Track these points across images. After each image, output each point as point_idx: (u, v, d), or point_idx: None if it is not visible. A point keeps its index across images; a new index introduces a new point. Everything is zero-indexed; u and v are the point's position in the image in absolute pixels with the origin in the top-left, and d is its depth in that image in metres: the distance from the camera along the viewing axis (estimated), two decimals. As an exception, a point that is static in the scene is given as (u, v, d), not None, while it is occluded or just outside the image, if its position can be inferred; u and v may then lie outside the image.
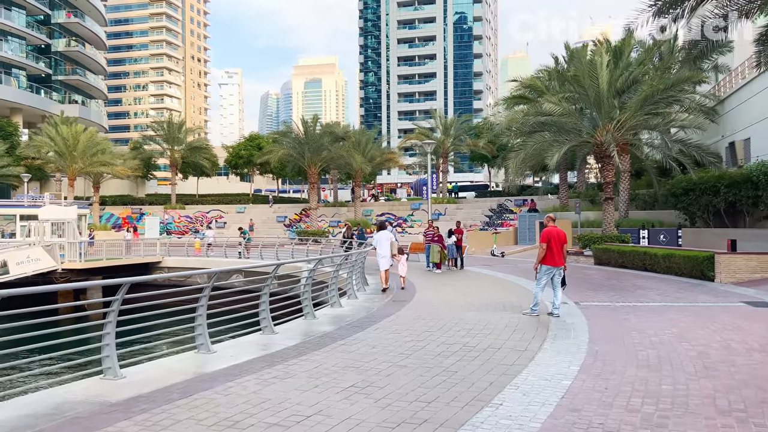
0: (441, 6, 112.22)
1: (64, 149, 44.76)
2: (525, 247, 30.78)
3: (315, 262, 12.50)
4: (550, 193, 42.46)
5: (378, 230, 17.22)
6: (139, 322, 7.74)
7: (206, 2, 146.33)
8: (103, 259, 29.80)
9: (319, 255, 25.92)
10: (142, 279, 7.87)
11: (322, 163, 42.28)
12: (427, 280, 18.31)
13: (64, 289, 25.16)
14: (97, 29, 75.71)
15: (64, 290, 29.61)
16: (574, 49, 38.05)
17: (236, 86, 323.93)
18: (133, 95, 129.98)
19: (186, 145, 54.49)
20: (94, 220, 47.73)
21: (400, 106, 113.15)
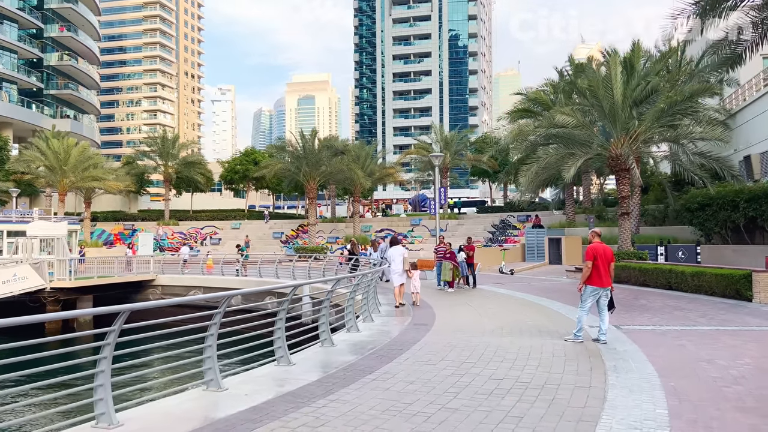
0: (436, 23, 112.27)
1: (55, 163, 43.47)
2: (534, 264, 29.73)
3: (333, 282, 11.32)
4: (555, 209, 41.56)
5: (391, 245, 17.14)
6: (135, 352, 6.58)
7: (200, 18, 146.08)
8: (94, 277, 28.46)
9: (322, 273, 24.78)
10: (142, 306, 6.67)
11: (320, 178, 41.18)
12: (442, 299, 17.17)
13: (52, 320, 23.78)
14: (90, 44, 74.80)
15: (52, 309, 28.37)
16: (578, 63, 37.40)
17: (229, 103, 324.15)
18: (125, 111, 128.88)
19: (180, 160, 53.29)
20: (85, 237, 46.30)
21: (396, 122, 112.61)
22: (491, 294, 18.56)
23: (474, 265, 21.04)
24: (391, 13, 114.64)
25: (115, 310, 5.87)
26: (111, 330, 5.79)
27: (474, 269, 20.82)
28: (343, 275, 12.68)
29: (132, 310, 5.94)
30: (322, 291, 14.63)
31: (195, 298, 9.28)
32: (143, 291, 31.71)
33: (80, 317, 28.51)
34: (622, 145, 22.79)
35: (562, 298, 16.70)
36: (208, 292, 30.76)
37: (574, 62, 37.65)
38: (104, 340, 5.79)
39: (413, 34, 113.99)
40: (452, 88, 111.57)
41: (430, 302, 16.32)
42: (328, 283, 11.79)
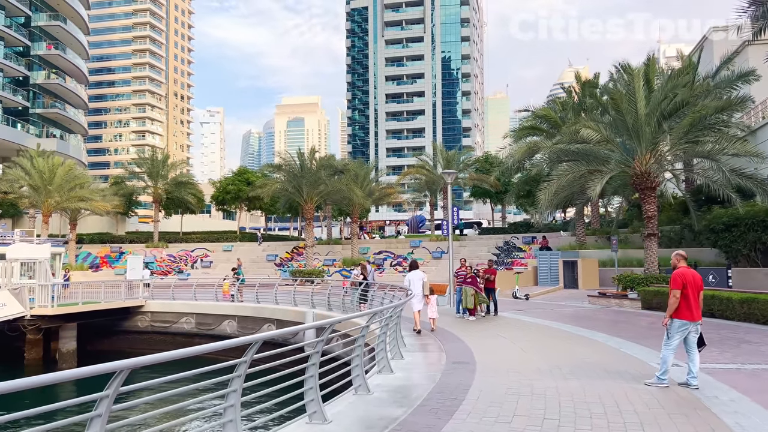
0: (429, 44, 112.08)
1: (40, 183, 41.52)
2: (548, 289, 28.15)
3: (369, 316, 9.64)
4: (562, 230, 40.15)
5: (410, 270, 16.92)
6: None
7: (190, 39, 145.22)
8: (78, 303, 26.45)
9: (327, 299, 22.93)
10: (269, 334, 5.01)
11: (318, 198, 39.57)
12: (467, 329, 15.49)
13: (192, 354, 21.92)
14: (78, 62, 73.19)
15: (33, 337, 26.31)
16: (587, 79, 36.40)
17: (218, 125, 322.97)
18: (113, 131, 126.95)
19: (171, 180, 51.47)
20: (70, 260, 44.20)
21: (389, 143, 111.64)
22: (519, 323, 16.92)
23: (495, 290, 19.42)
24: (383, 35, 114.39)
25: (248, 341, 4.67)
26: (242, 361, 5.53)
27: (494, 295, 19.19)
28: (382, 307, 10.90)
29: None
30: (352, 326, 13.03)
31: (269, 335, 7.31)
32: (131, 318, 29.74)
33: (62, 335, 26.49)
34: (647, 161, 21.46)
35: (603, 328, 15.10)
36: (200, 318, 28.88)
37: (580, 79, 36.67)
38: (234, 372, 5.48)
39: (406, 55, 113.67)
40: (445, 109, 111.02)
41: (456, 332, 14.66)
42: (364, 318, 10.09)
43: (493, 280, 19.23)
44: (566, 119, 33.06)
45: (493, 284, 19.20)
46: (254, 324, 26.69)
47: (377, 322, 10.58)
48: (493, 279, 19.17)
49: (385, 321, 10.32)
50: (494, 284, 19.26)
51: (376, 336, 13.79)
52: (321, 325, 7.55)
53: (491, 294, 19.03)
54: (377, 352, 10.03)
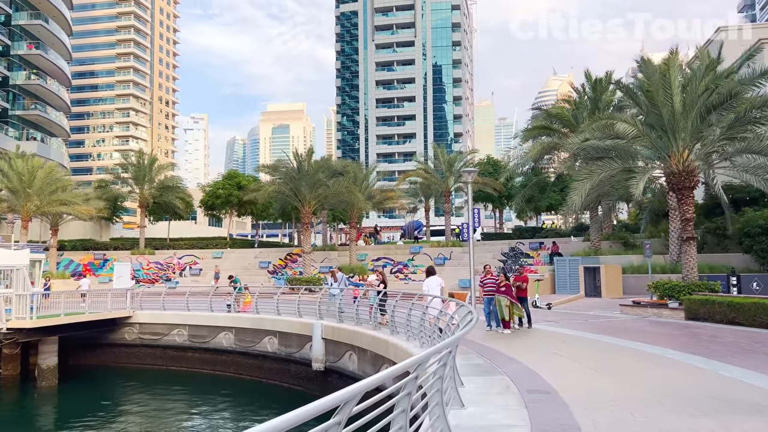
0: (419, 49, 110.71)
1: (19, 186, 39.06)
2: (569, 297, 26.37)
3: (445, 352, 7.59)
4: (572, 236, 38.50)
5: (427, 276, 16.91)
6: None
7: (176, 44, 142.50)
8: (60, 314, 24.13)
9: (337, 312, 20.77)
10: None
11: (316, 202, 37.54)
12: (512, 345, 13.58)
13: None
14: (61, 63, 70.54)
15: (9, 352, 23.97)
16: (597, 78, 34.88)
17: (202, 132, 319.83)
18: (96, 136, 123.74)
19: (158, 184, 49.10)
20: (51, 268, 41.68)
21: (379, 148, 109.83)
22: (562, 337, 15.06)
23: (527, 299, 17.56)
24: (373, 39, 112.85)
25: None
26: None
27: (527, 304, 17.31)
28: (462, 332, 8.71)
29: None
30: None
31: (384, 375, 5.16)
32: (118, 330, 27.47)
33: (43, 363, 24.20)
34: (685, 158, 19.81)
35: (665, 343, 13.31)
36: (193, 330, 26.68)
37: (591, 77, 35.13)
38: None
39: (396, 59, 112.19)
40: (436, 114, 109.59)
41: (500, 348, 12.76)
42: (441, 351, 8.08)
43: (525, 288, 17.38)
44: (580, 118, 31.49)
45: (525, 293, 17.34)
46: (253, 337, 24.57)
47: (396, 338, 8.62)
48: (525, 287, 17.32)
49: (448, 349, 8.33)
50: (526, 293, 17.40)
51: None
52: (413, 363, 5.59)
53: (523, 304, 17.16)
54: (444, 386, 8.03)
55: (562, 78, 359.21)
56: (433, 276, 16.94)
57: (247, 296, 26.68)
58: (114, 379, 25.50)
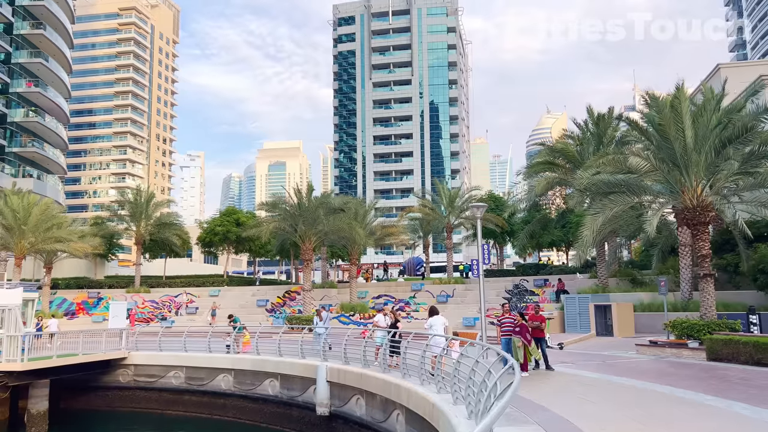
0: (416, 87, 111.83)
1: (13, 223, 38.34)
2: (580, 336, 25.57)
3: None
4: (579, 272, 37.83)
5: (430, 315, 16.90)
6: None
7: (174, 82, 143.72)
8: (52, 356, 23.14)
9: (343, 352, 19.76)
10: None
11: (316, 238, 36.90)
12: (536, 390, 12.77)
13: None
14: (60, 101, 70.69)
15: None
16: (599, 114, 34.82)
17: (198, 169, 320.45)
18: (92, 173, 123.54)
19: (155, 220, 48.42)
20: (44, 307, 40.66)
21: (377, 185, 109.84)
22: (585, 380, 14.27)
23: (544, 339, 16.81)
24: (371, 77, 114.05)
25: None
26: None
27: (543, 345, 16.53)
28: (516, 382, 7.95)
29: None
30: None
31: None
32: (111, 372, 26.40)
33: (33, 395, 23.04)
34: (699, 193, 19.37)
35: (698, 387, 12.56)
36: (191, 372, 25.64)
37: (593, 113, 35.06)
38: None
39: (393, 97, 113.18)
40: (433, 151, 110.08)
41: (528, 395, 11.94)
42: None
43: (543, 328, 16.65)
44: (585, 154, 31.23)
45: (543, 333, 16.61)
46: (254, 379, 23.58)
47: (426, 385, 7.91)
48: (543, 327, 16.59)
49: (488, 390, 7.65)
50: (544, 333, 16.66)
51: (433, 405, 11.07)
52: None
53: (540, 344, 16.41)
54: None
55: (556, 116, 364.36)
56: (436, 315, 16.79)
57: (245, 336, 25.76)
58: (107, 425, 24.40)
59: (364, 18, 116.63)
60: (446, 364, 13.16)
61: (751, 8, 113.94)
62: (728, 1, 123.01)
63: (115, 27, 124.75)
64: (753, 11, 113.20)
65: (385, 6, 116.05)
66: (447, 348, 14.26)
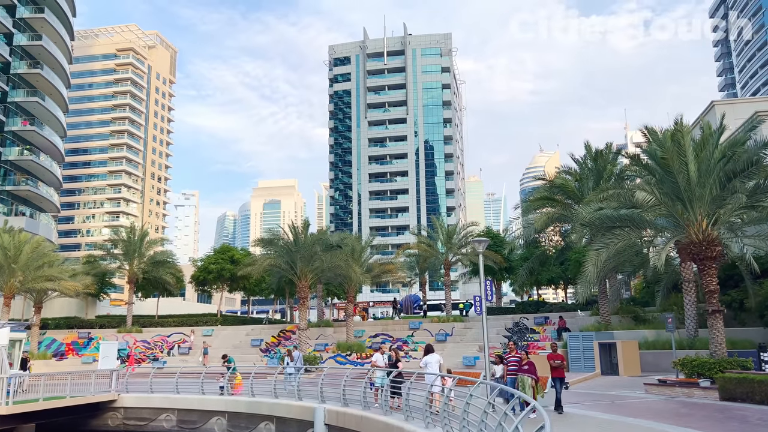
0: (411, 125, 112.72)
1: (3, 261, 37.62)
2: (585, 376, 24.84)
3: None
4: (579, 309, 37.25)
5: (425, 353, 17.11)
6: None
7: (170, 122, 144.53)
8: (39, 399, 22.25)
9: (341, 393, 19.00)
10: None
11: (313, 275, 36.29)
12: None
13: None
14: (55, 140, 70.56)
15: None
16: (597, 149, 34.81)
17: (192, 208, 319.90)
18: (86, 212, 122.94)
19: (149, 259, 47.72)
20: (32, 347, 39.60)
21: (372, 222, 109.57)
22: (601, 422, 13.62)
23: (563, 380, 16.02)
24: (366, 116, 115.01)
25: None
26: None
27: (559, 386, 15.79)
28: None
29: None
30: None
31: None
32: (100, 415, 25.43)
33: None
34: (705, 227, 19.05)
35: (715, 429, 11.97)
36: (183, 415, 24.71)
37: (590, 149, 35.05)
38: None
39: (389, 135, 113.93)
40: (428, 188, 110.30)
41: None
42: None
43: (563, 367, 15.90)
44: (585, 189, 31.05)
45: (563, 372, 15.86)
46: (248, 422, 22.68)
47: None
48: (563, 366, 15.83)
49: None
50: (563, 372, 15.91)
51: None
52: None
53: (559, 385, 15.65)
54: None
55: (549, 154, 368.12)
56: (431, 353, 16.98)
57: (237, 377, 24.94)
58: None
59: (360, 58, 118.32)
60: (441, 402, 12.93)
61: (740, 49, 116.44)
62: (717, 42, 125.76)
63: (113, 67, 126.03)
64: (741, 52, 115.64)
65: (380, 47, 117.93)
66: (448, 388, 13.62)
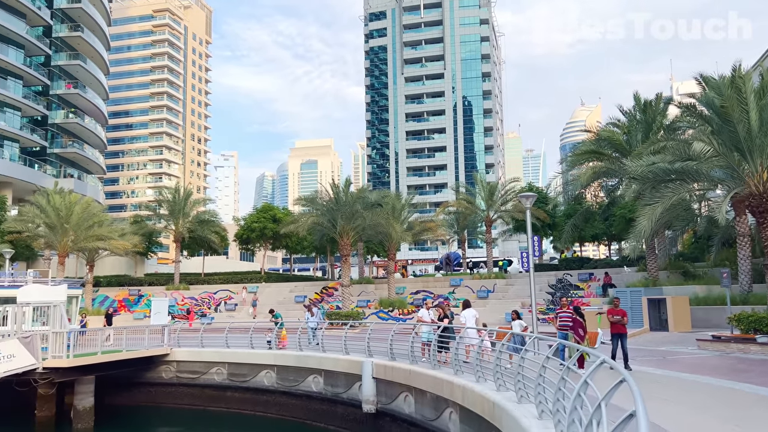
0: (449, 81, 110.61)
1: (56, 221, 38.86)
2: (633, 331, 24.39)
3: None
4: (626, 266, 36.55)
5: (463, 308, 18.29)
6: None
7: (207, 82, 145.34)
8: (97, 352, 23.17)
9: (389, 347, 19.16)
10: None
11: (355, 233, 36.43)
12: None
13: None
14: (98, 102, 71.89)
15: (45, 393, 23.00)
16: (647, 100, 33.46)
17: (232, 169, 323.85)
18: (130, 174, 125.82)
19: (193, 218, 48.68)
20: (86, 304, 41.17)
21: (409, 180, 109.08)
22: (658, 379, 13.34)
23: (625, 336, 15.60)
24: (403, 72, 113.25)
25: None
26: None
27: (625, 342, 15.34)
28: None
29: None
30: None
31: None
32: (155, 368, 26.36)
33: (78, 391, 23.06)
34: (766, 179, 18.20)
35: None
36: (233, 369, 25.41)
37: (639, 99, 33.71)
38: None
39: (426, 92, 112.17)
40: (467, 145, 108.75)
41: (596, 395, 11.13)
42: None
43: (625, 323, 15.52)
44: (633, 142, 30.02)
45: (624, 328, 15.50)
46: (297, 375, 23.19)
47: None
48: (624, 322, 15.47)
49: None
50: (625, 329, 15.53)
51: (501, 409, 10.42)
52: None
53: (622, 341, 15.32)
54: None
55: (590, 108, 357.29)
56: (468, 308, 18.14)
57: (282, 331, 25.47)
58: (151, 420, 24.34)
59: (396, 12, 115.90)
60: (493, 357, 13.03)
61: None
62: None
63: (150, 29, 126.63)
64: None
65: (417, 0, 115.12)
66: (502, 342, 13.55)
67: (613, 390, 5.06)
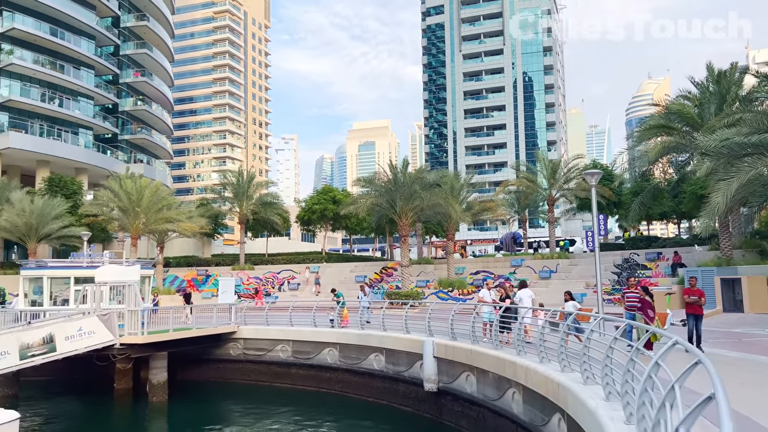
0: (509, 57, 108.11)
1: (128, 204, 40.67)
2: (706, 312, 23.40)
3: None
4: (696, 244, 35.08)
5: (519, 288, 18.86)
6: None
7: (267, 67, 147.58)
8: (169, 330, 24.24)
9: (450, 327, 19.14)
10: None
11: (413, 214, 36.42)
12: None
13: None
14: (164, 89, 74.42)
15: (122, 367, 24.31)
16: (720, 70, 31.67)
17: (292, 152, 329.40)
18: (195, 158, 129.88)
19: (257, 200, 49.94)
20: (158, 283, 43.04)
21: (468, 160, 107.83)
22: (733, 362, 12.81)
23: (701, 317, 15.04)
24: (461, 49, 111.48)
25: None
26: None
27: (700, 324, 14.81)
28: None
29: None
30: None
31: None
32: (223, 345, 27.35)
33: (153, 366, 24.26)
34: None
35: None
36: (297, 346, 26.04)
37: (712, 70, 31.94)
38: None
39: (485, 69, 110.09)
40: (527, 122, 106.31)
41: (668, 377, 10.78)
42: None
43: (702, 303, 14.95)
44: (705, 115, 28.56)
45: (701, 309, 14.91)
46: (359, 353, 23.56)
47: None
48: (702, 303, 14.90)
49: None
50: (701, 310, 14.95)
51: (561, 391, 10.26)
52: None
53: (696, 322, 14.79)
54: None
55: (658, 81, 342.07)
56: (525, 288, 18.71)
57: (344, 310, 25.88)
58: (221, 395, 25.31)
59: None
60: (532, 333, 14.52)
61: None
62: None
63: (211, 15, 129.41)
64: None
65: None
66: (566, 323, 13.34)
67: (689, 372, 4.88)
